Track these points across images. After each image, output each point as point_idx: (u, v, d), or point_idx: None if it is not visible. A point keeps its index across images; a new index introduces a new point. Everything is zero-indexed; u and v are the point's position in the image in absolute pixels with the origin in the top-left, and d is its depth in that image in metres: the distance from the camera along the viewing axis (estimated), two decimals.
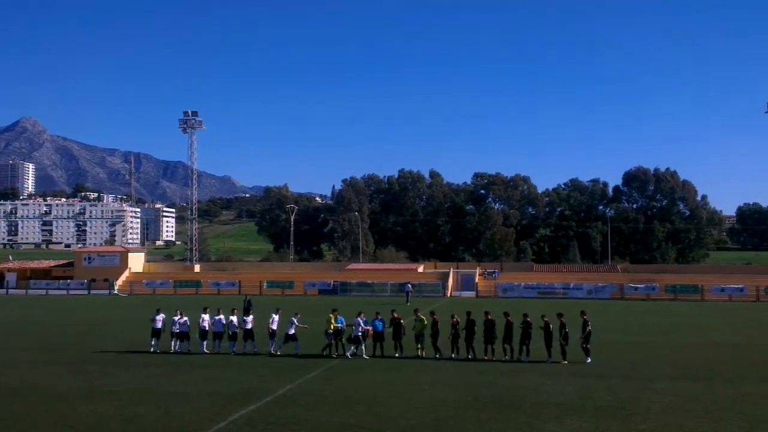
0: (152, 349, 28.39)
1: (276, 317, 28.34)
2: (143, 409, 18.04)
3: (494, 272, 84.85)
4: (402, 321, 28.15)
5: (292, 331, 27.45)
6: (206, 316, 28.55)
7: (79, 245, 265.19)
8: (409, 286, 68.54)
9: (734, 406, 18.53)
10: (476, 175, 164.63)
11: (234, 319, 28.29)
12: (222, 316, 28.26)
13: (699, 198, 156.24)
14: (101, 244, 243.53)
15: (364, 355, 26.79)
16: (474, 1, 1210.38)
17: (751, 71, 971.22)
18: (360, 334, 27.01)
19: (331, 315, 27.68)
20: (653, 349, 30.70)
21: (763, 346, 32.46)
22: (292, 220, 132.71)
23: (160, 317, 29.06)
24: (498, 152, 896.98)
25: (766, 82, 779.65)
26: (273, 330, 28.05)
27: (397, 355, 27.08)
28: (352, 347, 27.07)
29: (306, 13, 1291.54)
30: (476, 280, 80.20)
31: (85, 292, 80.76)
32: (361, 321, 27.27)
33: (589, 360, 25.74)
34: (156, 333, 28.78)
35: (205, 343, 28.23)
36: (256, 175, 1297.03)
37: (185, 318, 28.75)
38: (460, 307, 37.28)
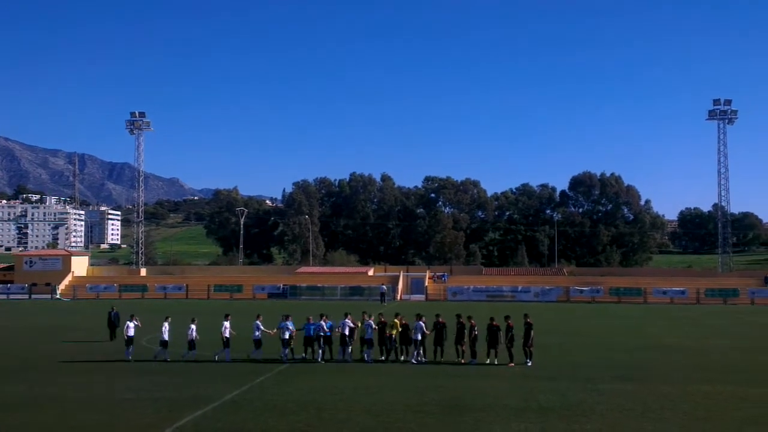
0: (129, 357, 27.77)
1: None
2: (87, 416, 17.63)
3: (444, 275, 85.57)
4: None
5: (287, 336, 27.17)
6: (193, 326, 27.84)
7: (20, 248, 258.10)
8: (384, 287, 70.96)
9: (676, 406, 19.01)
10: (427, 179, 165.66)
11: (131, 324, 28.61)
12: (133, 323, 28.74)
13: (642, 203, 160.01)
14: (43, 248, 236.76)
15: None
16: (423, 5, 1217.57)
17: (693, 76, 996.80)
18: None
19: (396, 320, 27.40)
20: (597, 351, 31.33)
21: (703, 348, 33.49)
22: (241, 223, 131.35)
23: (132, 324, 28.55)
24: (449, 156, 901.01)
25: (708, 87, 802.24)
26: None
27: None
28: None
29: (255, 16, 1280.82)
30: (426, 283, 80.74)
31: (26, 296, 78.69)
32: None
33: (529, 362, 26.07)
34: (129, 341, 28.18)
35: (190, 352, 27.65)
36: (205, 178, 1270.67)
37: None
38: (410, 310, 37.44)
